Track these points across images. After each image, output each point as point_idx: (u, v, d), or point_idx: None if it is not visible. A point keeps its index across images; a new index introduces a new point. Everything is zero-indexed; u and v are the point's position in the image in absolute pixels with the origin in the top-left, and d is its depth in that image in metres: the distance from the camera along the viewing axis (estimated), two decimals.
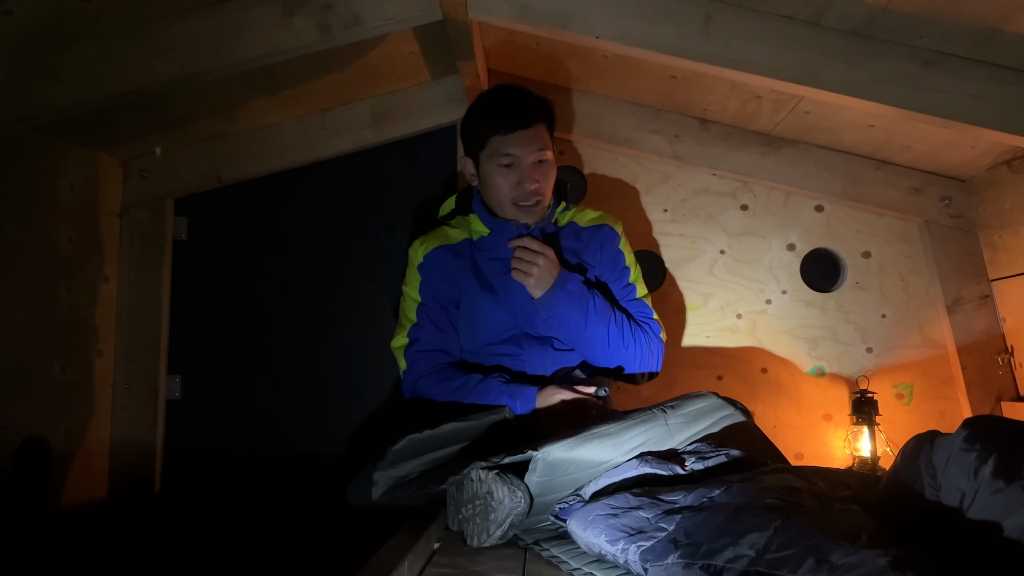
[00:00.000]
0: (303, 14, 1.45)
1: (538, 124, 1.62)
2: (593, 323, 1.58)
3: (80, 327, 1.78)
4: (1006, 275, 1.93)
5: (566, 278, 1.57)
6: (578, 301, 1.57)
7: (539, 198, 1.63)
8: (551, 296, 1.55)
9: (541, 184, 1.62)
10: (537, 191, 1.61)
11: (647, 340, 1.64)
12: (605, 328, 1.59)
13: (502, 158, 1.60)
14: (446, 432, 1.32)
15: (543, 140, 1.62)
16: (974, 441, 0.86)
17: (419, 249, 1.69)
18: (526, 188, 1.60)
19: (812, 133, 2.00)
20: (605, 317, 1.59)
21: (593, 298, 1.59)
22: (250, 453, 1.95)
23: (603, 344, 1.60)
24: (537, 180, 1.61)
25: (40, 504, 1.64)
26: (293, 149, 1.99)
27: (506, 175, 1.61)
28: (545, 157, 1.62)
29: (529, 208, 1.62)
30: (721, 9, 1.45)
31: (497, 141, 1.60)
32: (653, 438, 1.17)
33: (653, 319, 1.69)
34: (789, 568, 0.76)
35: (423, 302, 1.65)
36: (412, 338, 1.64)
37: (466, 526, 1.14)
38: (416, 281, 1.67)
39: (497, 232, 1.67)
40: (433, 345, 1.63)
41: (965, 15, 1.33)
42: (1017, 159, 1.80)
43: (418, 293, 1.66)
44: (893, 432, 1.97)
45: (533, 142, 1.60)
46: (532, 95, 1.65)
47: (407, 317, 1.66)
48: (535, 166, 1.61)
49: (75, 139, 1.74)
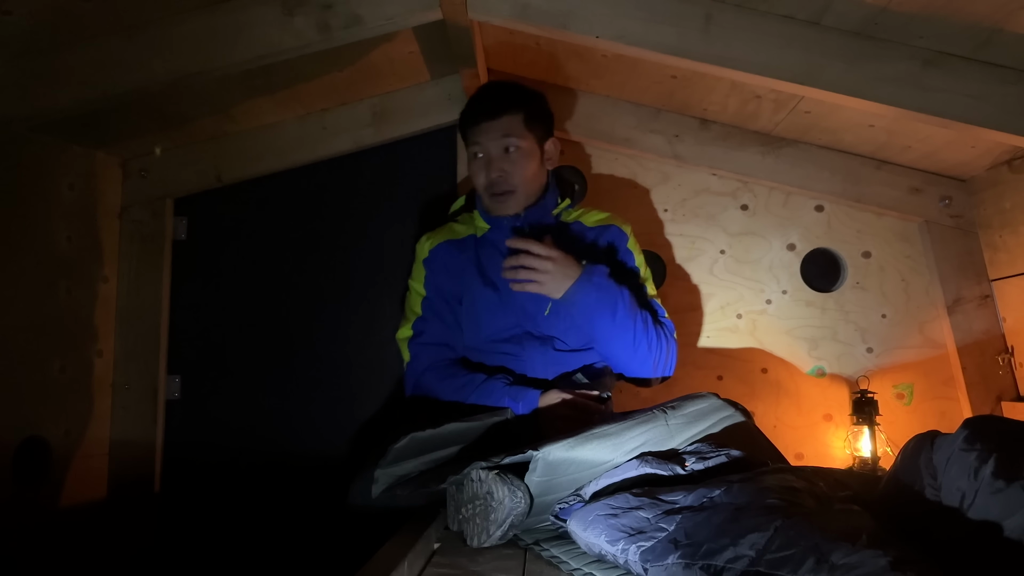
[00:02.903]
0: (303, 14, 1.45)
1: (507, 115, 1.62)
2: (621, 318, 1.51)
3: (80, 327, 1.78)
4: (1006, 275, 1.93)
5: (592, 270, 1.50)
6: (607, 294, 1.50)
7: (507, 188, 1.62)
8: (576, 292, 1.48)
9: (507, 173, 1.61)
10: (501, 180, 1.61)
11: (667, 342, 1.61)
12: (632, 325, 1.53)
13: (474, 147, 1.65)
14: (448, 432, 1.32)
15: (510, 128, 1.62)
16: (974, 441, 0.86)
17: (425, 244, 1.72)
18: (493, 177, 1.61)
19: (812, 133, 2.00)
20: (633, 313, 1.53)
21: (621, 291, 1.52)
22: (250, 453, 1.95)
23: (629, 344, 1.54)
24: (502, 168, 1.61)
25: (40, 504, 1.64)
26: (293, 149, 1.99)
27: (478, 166, 1.64)
28: (513, 145, 1.61)
29: (501, 199, 1.62)
30: (721, 9, 1.45)
31: (469, 133, 1.65)
32: (653, 438, 1.17)
33: (666, 317, 1.66)
34: (789, 568, 0.76)
35: (427, 296, 1.67)
36: (416, 331, 1.65)
37: (466, 526, 1.14)
38: (421, 275, 1.69)
39: (495, 227, 1.67)
40: (437, 339, 1.64)
41: (965, 15, 1.33)
42: (1017, 159, 1.80)
43: (423, 287, 1.68)
44: (893, 432, 1.97)
45: (497, 130, 1.61)
46: (507, 87, 1.67)
47: (412, 310, 1.68)
48: (502, 155, 1.62)
49: (75, 139, 1.74)
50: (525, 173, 1.64)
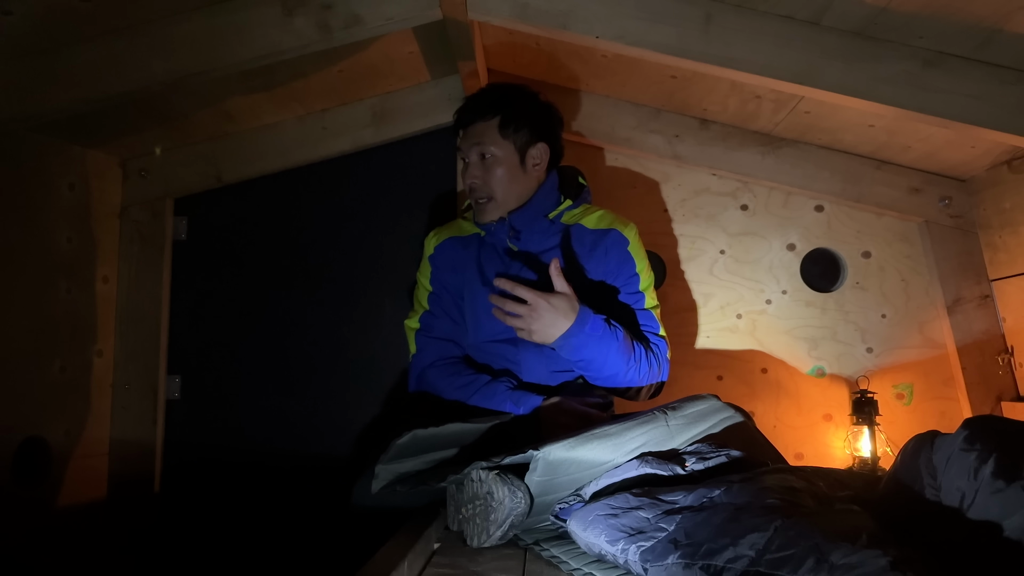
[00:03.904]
0: (303, 14, 1.45)
1: (480, 121, 1.62)
2: (613, 362, 1.49)
3: (80, 327, 1.78)
4: (1006, 275, 1.93)
5: (585, 318, 1.43)
6: (600, 343, 1.45)
7: (483, 195, 1.62)
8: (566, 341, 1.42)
9: (480, 179, 1.61)
10: (474, 186, 1.63)
11: (658, 368, 1.58)
12: (625, 366, 1.50)
13: (459, 152, 1.68)
14: (450, 432, 1.32)
15: (483, 135, 1.61)
16: (974, 441, 0.86)
17: (432, 240, 1.74)
18: (469, 183, 1.64)
19: (812, 133, 2.00)
20: (626, 356, 1.50)
21: (615, 333, 1.47)
22: (250, 453, 1.95)
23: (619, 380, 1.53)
24: (475, 175, 1.62)
25: (40, 504, 1.64)
26: (293, 149, 1.99)
27: (463, 171, 1.67)
28: (487, 152, 1.61)
29: (480, 206, 1.64)
30: (721, 9, 1.45)
31: (457, 139, 1.69)
32: (654, 439, 1.17)
33: (659, 335, 1.61)
34: (789, 568, 0.76)
35: (434, 291, 1.69)
36: (424, 325, 1.67)
37: (466, 526, 1.14)
38: (427, 271, 1.71)
39: (486, 230, 1.68)
40: (443, 334, 1.65)
41: (965, 15, 1.33)
42: (1017, 159, 1.80)
43: (429, 283, 1.70)
44: (893, 432, 1.97)
45: (472, 138, 1.63)
46: (490, 92, 1.68)
47: (420, 303, 1.70)
48: (478, 162, 1.63)
49: (75, 139, 1.74)
50: (500, 180, 1.62)
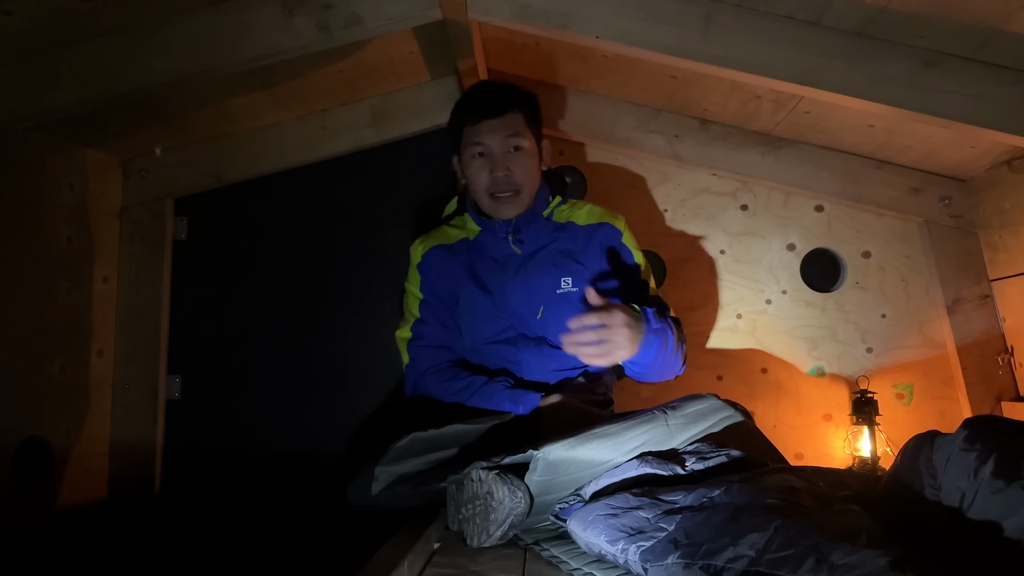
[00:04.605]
0: (303, 14, 1.45)
1: (510, 113, 1.60)
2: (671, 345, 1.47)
3: (80, 327, 1.78)
4: (1006, 275, 1.93)
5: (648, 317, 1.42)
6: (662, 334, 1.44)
7: (513, 188, 1.60)
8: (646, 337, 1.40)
9: (513, 172, 1.59)
10: (509, 179, 1.59)
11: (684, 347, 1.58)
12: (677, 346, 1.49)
13: (474, 147, 1.61)
14: (449, 433, 1.32)
15: (515, 127, 1.60)
16: (974, 441, 0.86)
17: (418, 248, 1.70)
18: (498, 176, 1.58)
19: (812, 133, 2.00)
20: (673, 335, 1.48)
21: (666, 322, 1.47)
22: (250, 453, 1.95)
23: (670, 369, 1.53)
24: (508, 168, 1.58)
25: (40, 504, 1.64)
26: (293, 149, 1.99)
27: (480, 166, 1.60)
28: (519, 144, 1.59)
29: (506, 199, 1.60)
30: (721, 9, 1.45)
31: (469, 132, 1.61)
32: (654, 438, 1.17)
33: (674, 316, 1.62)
34: (789, 568, 0.76)
35: (425, 299, 1.66)
36: (416, 333, 1.64)
37: (466, 526, 1.14)
38: (416, 279, 1.68)
39: (487, 230, 1.66)
40: (436, 341, 1.63)
41: (965, 15, 1.33)
42: (1017, 159, 1.80)
43: (420, 291, 1.67)
44: (893, 432, 1.97)
45: (503, 129, 1.59)
46: (505, 86, 1.65)
47: (411, 312, 1.67)
48: (507, 154, 1.59)
49: (75, 139, 1.74)
50: (530, 174, 1.62)
